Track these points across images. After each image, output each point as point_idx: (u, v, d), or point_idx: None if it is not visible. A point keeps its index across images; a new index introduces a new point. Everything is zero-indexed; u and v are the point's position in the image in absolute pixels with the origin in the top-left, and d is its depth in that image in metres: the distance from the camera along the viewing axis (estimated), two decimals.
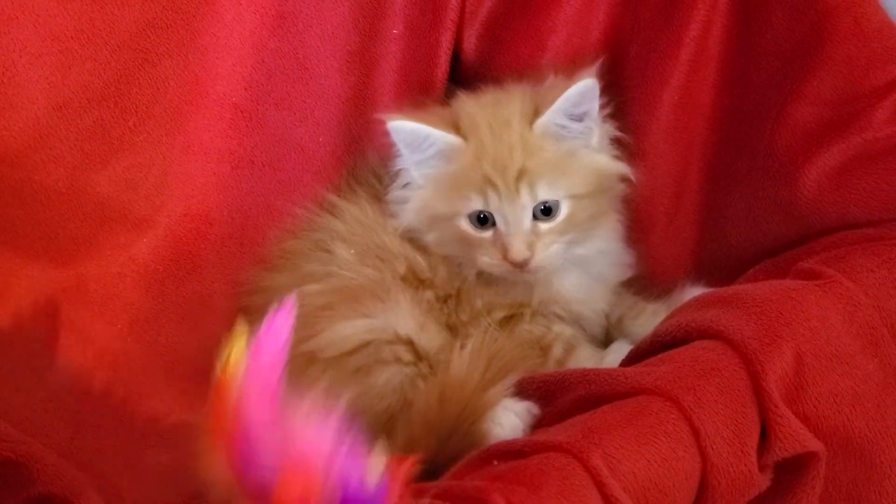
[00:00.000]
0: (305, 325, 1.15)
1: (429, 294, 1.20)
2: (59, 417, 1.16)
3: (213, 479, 0.73)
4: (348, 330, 1.14)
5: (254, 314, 1.20)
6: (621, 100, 1.28)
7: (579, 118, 1.16)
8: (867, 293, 1.00)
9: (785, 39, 1.16)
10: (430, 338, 1.16)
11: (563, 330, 1.22)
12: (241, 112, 1.27)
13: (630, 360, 1.05)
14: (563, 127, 1.16)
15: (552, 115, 1.15)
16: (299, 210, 1.26)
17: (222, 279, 1.29)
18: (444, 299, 1.21)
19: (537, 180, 1.15)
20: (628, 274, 1.28)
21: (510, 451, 0.88)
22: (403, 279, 1.19)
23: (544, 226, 1.16)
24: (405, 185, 1.22)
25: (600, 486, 0.83)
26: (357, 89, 1.31)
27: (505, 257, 1.16)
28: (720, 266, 1.24)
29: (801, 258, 1.09)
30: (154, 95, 1.22)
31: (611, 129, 1.22)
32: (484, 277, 1.20)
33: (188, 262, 1.27)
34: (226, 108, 1.26)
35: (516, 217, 1.15)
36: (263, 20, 1.25)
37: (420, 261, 1.20)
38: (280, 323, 0.74)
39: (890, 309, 1.00)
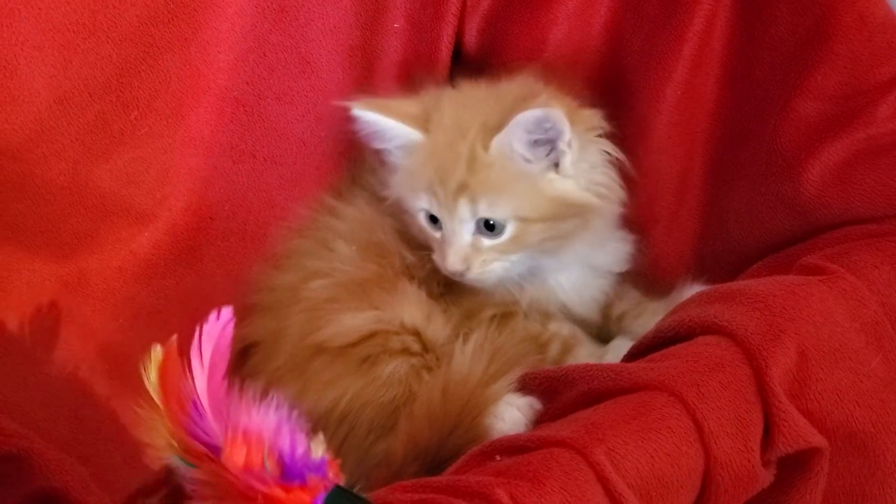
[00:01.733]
0: (312, 318, 1.15)
1: (425, 290, 1.20)
2: (60, 412, 1.16)
3: (157, 444, 0.75)
4: (356, 321, 1.14)
5: (262, 312, 1.21)
6: (624, 95, 1.28)
7: (543, 143, 1.11)
8: (871, 289, 1.00)
9: (789, 34, 1.16)
10: (437, 329, 1.16)
11: (560, 329, 1.21)
12: (243, 106, 1.27)
13: (632, 356, 1.05)
14: (518, 152, 1.11)
15: (505, 137, 1.10)
16: (302, 210, 1.26)
17: (224, 274, 1.29)
18: (438, 297, 1.20)
19: (479, 197, 1.11)
20: (628, 265, 1.27)
21: (513, 447, 0.88)
22: (404, 274, 1.19)
23: (487, 242, 1.14)
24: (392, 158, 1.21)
25: (603, 481, 0.83)
26: (359, 83, 1.30)
27: (442, 263, 1.15)
28: (723, 262, 1.24)
29: (804, 254, 1.09)
30: (156, 89, 1.21)
31: (604, 150, 1.17)
32: None
33: (189, 256, 1.27)
34: (227, 102, 1.26)
35: (454, 229, 1.14)
36: (265, 14, 1.25)
37: (413, 259, 1.20)
38: (222, 322, 0.76)
39: (894, 305, 1.00)
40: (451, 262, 1.13)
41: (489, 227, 1.13)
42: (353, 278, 1.17)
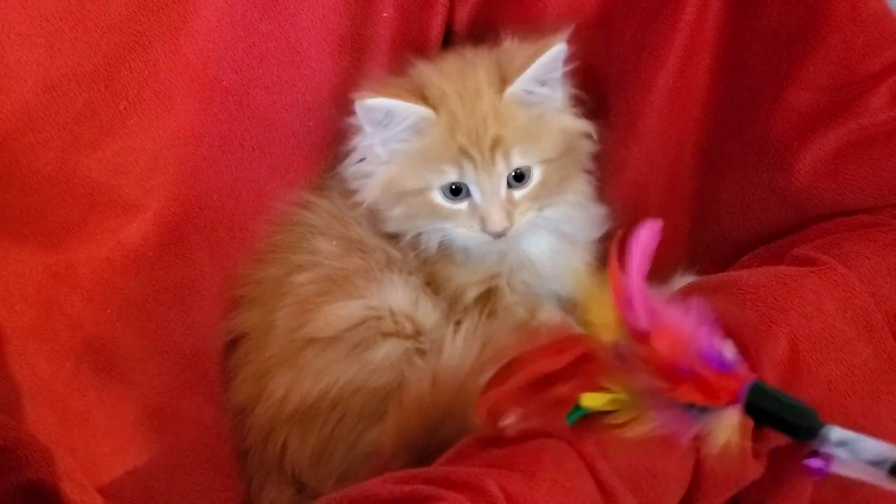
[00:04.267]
0: (301, 311, 1.15)
1: (413, 279, 1.19)
2: (47, 403, 1.16)
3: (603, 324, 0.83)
4: (345, 310, 1.14)
5: (248, 305, 1.21)
6: (616, 85, 1.28)
7: (545, 82, 1.16)
8: (862, 280, 1.00)
9: (781, 23, 1.16)
10: (427, 312, 1.16)
11: (550, 319, 1.20)
12: (232, 96, 1.27)
13: None
14: (531, 93, 1.16)
15: (522, 83, 1.15)
16: (281, 204, 1.26)
17: (212, 264, 1.28)
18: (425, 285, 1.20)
19: (511, 148, 1.14)
20: (603, 230, 1.27)
21: (504, 437, 0.88)
22: (388, 267, 1.19)
23: (518, 193, 1.16)
24: (362, 161, 1.20)
25: (594, 471, 0.83)
26: (348, 73, 1.30)
27: (483, 229, 1.15)
28: (714, 253, 1.24)
29: (795, 245, 1.09)
30: (145, 79, 1.21)
31: (569, 87, 1.22)
32: (448, 254, 1.20)
33: (178, 246, 1.26)
34: (216, 92, 1.26)
35: (493, 186, 1.15)
36: (255, 3, 1.24)
37: (394, 252, 1.20)
38: (650, 232, 0.82)
39: (884, 295, 1.00)
40: (497, 220, 1.14)
41: (518, 178, 1.16)
42: (338, 272, 1.17)
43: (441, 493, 0.78)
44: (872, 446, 0.79)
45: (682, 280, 1.19)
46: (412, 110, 1.15)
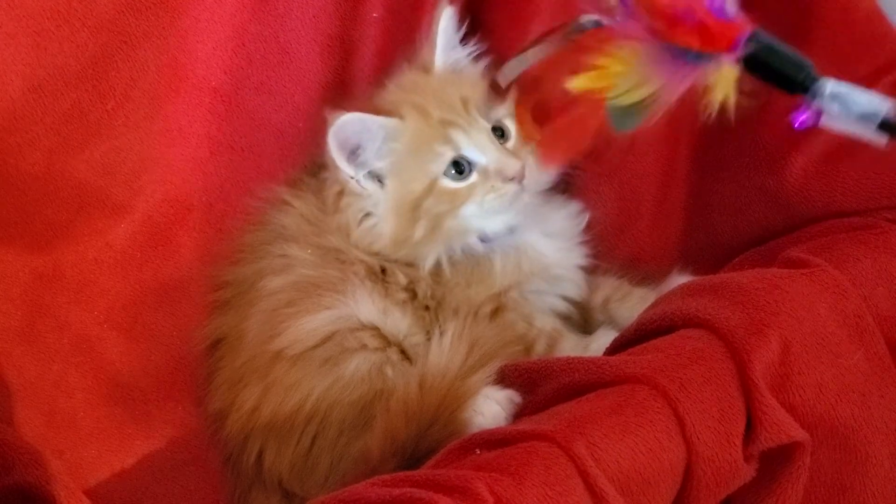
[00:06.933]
0: (270, 323, 1.14)
1: (394, 288, 1.17)
2: (34, 405, 1.15)
3: None
4: (312, 323, 1.12)
5: (222, 309, 1.20)
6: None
7: (454, 46, 1.21)
8: (854, 282, 1.00)
9: (772, 25, 1.15)
10: (395, 322, 1.15)
11: (545, 324, 1.20)
12: (221, 97, 1.26)
13: (614, 349, 1.04)
14: (456, 60, 1.21)
15: (441, 55, 1.19)
16: (253, 203, 1.25)
17: (200, 265, 1.27)
18: (423, 308, 1.18)
19: (480, 104, 1.17)
20: (585, 221, 1.27)
21: (493, 440, 0.88)
22: (367, 278, 1.17)
23: (508, 146, 1.18)
24: (367, 216, 1.17)
25: (584, 475, 0.82)
26: (337, 74, 1.30)
27: (504, 178, 1.14)
28: (707, 254, 1.24)
29: (787, 247, 1.09)
30: (133, 79, 1.20)
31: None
32: (465, 271, 1.18)
33: (166, 247, 1.26)
34: (205, 93, 1.25)
35: (487, 138, 1.16)
36: (244, 3, 1.24)
37: (379, 266, 1.17)
38: None
39: (876, 298, 1.00)
40: (510, 161, 1.14)
41: (500, 134, 1.18)
42: (309, 280, 1.15)
43: (430, 497, 0.78)
44: (865, 100, 0.82)
45: (678, 279, 1.18)
46: (381, 122, 1.14)
